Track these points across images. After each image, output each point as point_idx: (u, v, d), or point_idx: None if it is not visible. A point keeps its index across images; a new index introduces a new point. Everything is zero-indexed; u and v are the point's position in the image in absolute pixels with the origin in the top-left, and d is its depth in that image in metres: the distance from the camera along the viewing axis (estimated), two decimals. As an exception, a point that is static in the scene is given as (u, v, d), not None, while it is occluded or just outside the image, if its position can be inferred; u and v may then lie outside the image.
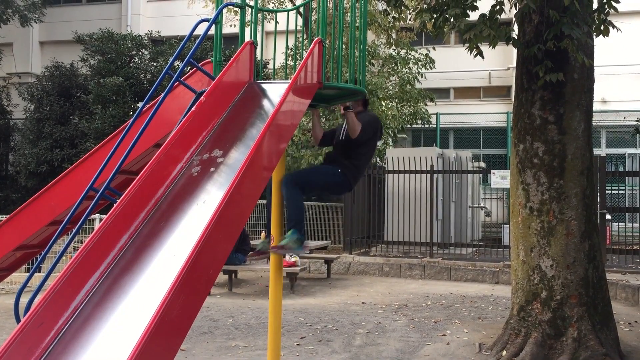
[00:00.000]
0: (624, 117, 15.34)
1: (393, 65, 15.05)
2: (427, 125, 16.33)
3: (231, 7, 4.28)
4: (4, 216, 5.11)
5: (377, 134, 4.45)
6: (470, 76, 17.78)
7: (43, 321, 2.35)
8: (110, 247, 2.69)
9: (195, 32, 3.93)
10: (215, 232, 2.49)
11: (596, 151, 15.22)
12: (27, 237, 4.45)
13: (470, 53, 5.30)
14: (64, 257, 3.73)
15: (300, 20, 9.44)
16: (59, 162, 14.95)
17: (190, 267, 2.31)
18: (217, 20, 3.89)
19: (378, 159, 14.22)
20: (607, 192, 10.20)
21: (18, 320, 3.71)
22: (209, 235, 2.45)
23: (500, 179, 11.26)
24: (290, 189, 4.00)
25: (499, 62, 17.37)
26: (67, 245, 3.62)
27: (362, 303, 8.07)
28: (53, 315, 2.40)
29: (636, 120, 9.47)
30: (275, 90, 3.75)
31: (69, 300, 2.48)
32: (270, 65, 14.46)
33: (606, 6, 4.97)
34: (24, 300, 3.69)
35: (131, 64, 15.73)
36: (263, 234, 11.67)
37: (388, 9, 6.60)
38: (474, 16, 5.24)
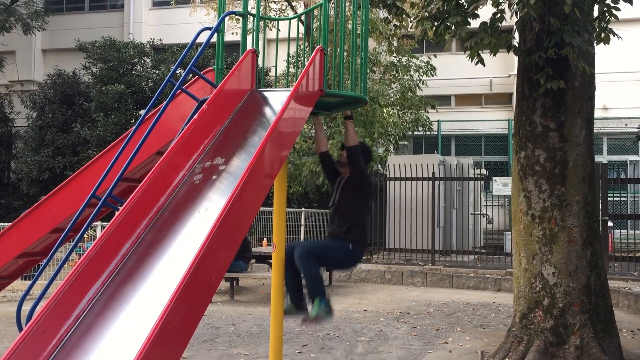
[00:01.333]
0: (626, 124, 15.35)
1: (394, 72, 15.09)
2: (428, 133, 16.35)
3: (233, 15, 4.30)
4: (6, 224, 5.13)
5: (371, 183, 4.51)
6: (471, 83, 17.82)
7: (45, 329, 2.36)
8: (113, 255, 2.70)
9: (198, 40, 3.95)
10: (217, 239, 2.49)
11: (598, 158, 15.22)
12: (29, 245, 4.45)
13: (472, 60, 5.32)
14: (66, 265, 3.72)
15: (302, 28, 9.48)
16: (61, 169, 14.97)
17: (193, 274, 2.31)
18: (219, 29, 3.90)
19: (379, 166, 14.22)
20: (609, 199, 10.18)
21: (20, 328, 3.71)
22: (211, 243, 2.45)
23: (502, 186, 11.26)
24: (307, 261, 4.06)
25: (500, 69, 17.40)
26: (69, 253, 3.62)
27: (364, 310, 8.06)
28: (55, 323, 2.40)
29: (638, 127, 9.48)
30: (277, 98, 3.76)
31: (71, 308, 2.48)
32: (272, 73, 14.50)
33: (607, 14, 4.98)
34: (26, 308, 3.69)
35: (133, 72, 15.79)
36: (265, 242, 11.69)
37: (389, 17, 6.62)
38: (475, 24, 5.25)
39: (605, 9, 4.94)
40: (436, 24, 5.53)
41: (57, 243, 3.83)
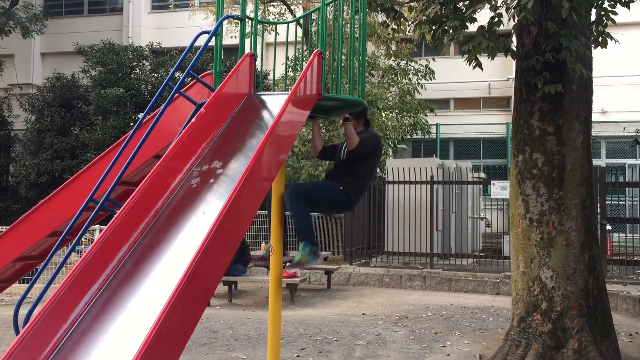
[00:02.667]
0: (624, 128, 15.38)
1: (393, 76, 15.12)
2: (427, 136, 16.37)
3: (231, 19, 4.30)
4: (4, 227, 5.12)
5: (377, 152, 4.47)
6: (470, 87, 17.85)
7: (42, 333, 2.35)
8: (110, 258, 2.69)
9: (196, 44, 3.95)
10: (214, 243, 2.49)
11: (596, 162, 15.24)
12: (27, 248, 4.44)
13: (470, 64, 5.33)
14: (63, 268, 3.72)
15: (300, 32, 9.49)
16: (59, 172, 14.97)
17: (189, 278, 2.31)
18: (217, 32, 3.91)
19: (378, 170, 14.23)
20: (607, 202, 10.19)
21: (17, 331, 3.70)
22: (208, 246, 2.45)
23: (501, 189, 11.26)
24: (296, 202, 4.00)
25: (499, 73, 17.44)
26: (66, 257, 3.62)
27: (363, 314, 8.05)
28: (52, 326, 2.40)
29: (636, 131, 9.50)
30: (274, 102, 3.77)
31: (68, 312, 2.47)
32: (271, 77, 14.51)
33: (604, 18, 5.00)
34: (23, 311, 3.68)
35: (132, 75, 15.80)
36: (264, 245, 11.68)
37: (387, 21, 6.63)
38: (472, 28, 5.27)
39: (602, 12, 4.96)
40: (434, 27, 5.54)
41: (54, 246, 3.83)
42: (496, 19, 5.08)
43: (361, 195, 4.45)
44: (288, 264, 4.06)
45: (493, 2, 5.19)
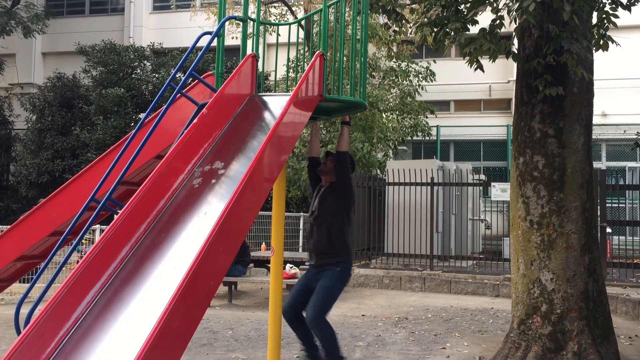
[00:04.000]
0: (624, 131, 15.38)
1: (394, 77, 15.12)
2: (427, 138, 16.38)
3: (233, 20, 4.32)
4: (5, 226, 5.12)
5: (351, 188, 4.53)
6: (470, 89, 17.86)
7: (44, 332, 2.36)
8: (112, 258, 2.70)
9: (198, 45, 3.96)
10: (216, 243, 2.50)
11: (596, 164, 15.25)
12: (28, 248, 4.45)
13: (471, 66, 5.34)
14: (64, 268, 3.72)
15: (301, 33, 9.51)
16: (60, 172, 14.98)
17: (191, 278, 2.32)
18: (219, 33, 3.92)
19: (378, 171, 14.23)
20: (607, 205, 10.19)
21: (18, 331, 3.70)
22: (210, 247, 2.46)
23: (501, 191, 11.27)
24: (321, 327, 4.18)
25: (500, 75, 17.45)
26: (67, 256, 3.62)
27: (362, 315, 8.05)
28: (54, 326, 2.40)
29: (636, 134, 9.49)
30: (276, 103, 3.78)
31: (69, 312, 2.48)
32: (272, 78, 14.52)
33: (605, 21, 5.01)
34: (24, 311, 3.68)
35: (133, 76, 15.82)
36: (263, 246, 11.69)
37: (389, 23, 6.64)
38: (474, 30, 5.28)
39: (603, 16, 4.96)
40: (436, 29, 5.55)
41: (55, 246, 3.83)
42: (498, 21, 5.08)
43: (351, 248, 4.56)
44: None
45: (494, 5, 5.19)
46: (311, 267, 4.50)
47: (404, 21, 6.50)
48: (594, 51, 5.45)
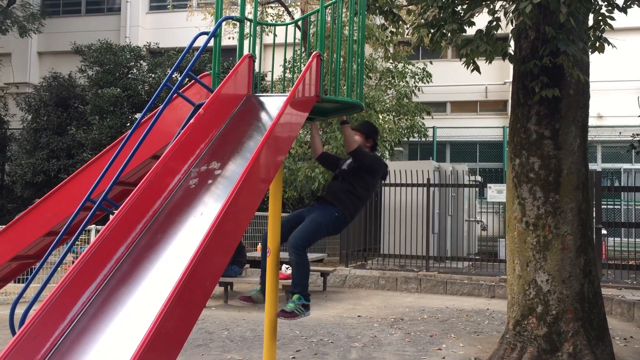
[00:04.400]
0: (620, 133, 15.40)
1: (390, 78, 15.12)
2: (423, 139, 16.39)
3: (230, 20, 4.31)
4: (0, 226, 5.10)
5: (378, 174, 4.50)
6: (467, 90, 17.88)
7: (39, 332, 2.35)
8: (107, 258, 2.69)
9: (195, 45, 3.95)
10: (212, 244, 2.49)
11: (592, 166, 15.28)
12: (23, 248, 4.43)
13: (467, 68, 5.35)
14: (59, 268, 3.71)
15: (298, 34, 9.51)
16: (55, 172, 14.94)
17: (187, 279, 2.31)
18: (216, 33, 3.91)
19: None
20: (603, 207, 10.22)
21: (13, 331, 3.69)
22: (206, 247, 2.45)
23: (497, 193, 11.28)
24: (299, 253, 4.07)
25: (496, 76, 17.48)
26: (63, 256, 3.61)
27: (358, 316, 8.05)
28: (49, 327, 2.39)
29: (631, 136, 9.52)
30: (273, 103, 3.77)
31: (65, 312, 2.47)
32: (269, 78, 14.51)
33: (601, 23, 5.02)
34: (19, 311, 3.67)
35: (129, 75, 15.78)
36: (259, 246, 11.67)
37: (386, 24, 6.65)
38: (470, 31, 5.29)
39: (600, 18, 4.98)
40: (432, 31, 5.56)
41: (51, 246, 3.82)
42: (494, 23, 5.10)
43: (357, 215, 4.50)
44: (279, 311, 4.09)
45: (491, 6, 5.21)
46: (313, 202, 4.46)
47: (400, 22, 6.51)
48: (590, 53, 5.47)
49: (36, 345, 2.33)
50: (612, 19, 4.98)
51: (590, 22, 5.19)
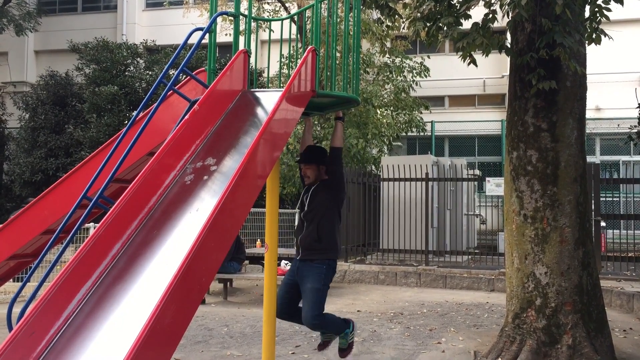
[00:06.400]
0: (618, 125, 15.40)
1: (388, 73, 15.11)
2: (422, 133, 16.38)
3: (226, 16, 4.30)
4: (-2, 225, 5.09)
5: (345, 188, 4.56)
6: (464, 84, 17.86)
7: (34, 330, 2.34)
8: (103, 255, 2.68)
9: (190, 41, 3.94)
10: (208, 240, 2.49)
11: (590, 159, 15.29)
12: (20, 247, 4.43)
13: (464, 61, 5.33)
14: (57, 266, 3.71)
15: (294, 29, 9.48)
16: (53, 171, 14.92)
17: (183, 275, 2.31)
18: (211, 29, 3.90)
19: (373, 167, 14.23)
20: (601, 199, 10.22)
21: (11, 330, 3.69)
22: (202, 243, 2.44)
23: (495, 186, 11.28)
24: (322, 321, 4.30)
25: (494, 70, 17.46)
26: (59, 254, 3.61)
27: (358, 311, 8.06)
28: (45, 324, 2.39)
29: (629, 128, 9.51)
30: (268, 99, 3.76)
31: (60, 309, 2.47)
32: (266, 74, 14.49)
33: (598, 15, 5.00)
34: (17, 309, 3.67)
35: (126, 73, 15.75)
36: (258, 242, 11.68)
37: (382, 18, 6.63)
38: (467, 25, 5.27)
39: (596, 9, 4.96)
40: (428, 24, 5.53)
41: (47, 244, 3.81)
42: (490, 15, 5.07)
43: (339, 246, 4.56)
44: (339, 353, 4.61)
45: (487, -1, 5.18)
46: (296, 261, 4.46)
47: (396, 16, 6.49)
48: (586, 45, 5.45)
49: (32, 343, 2.32)
50: (609, 10, 4.96)
51: (587, 14, 5.17)
